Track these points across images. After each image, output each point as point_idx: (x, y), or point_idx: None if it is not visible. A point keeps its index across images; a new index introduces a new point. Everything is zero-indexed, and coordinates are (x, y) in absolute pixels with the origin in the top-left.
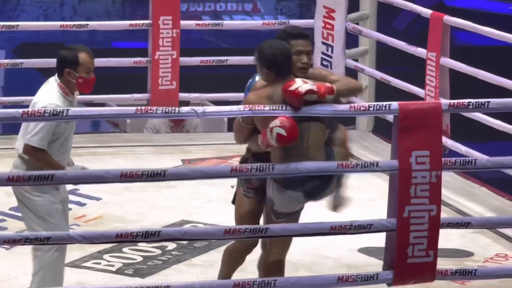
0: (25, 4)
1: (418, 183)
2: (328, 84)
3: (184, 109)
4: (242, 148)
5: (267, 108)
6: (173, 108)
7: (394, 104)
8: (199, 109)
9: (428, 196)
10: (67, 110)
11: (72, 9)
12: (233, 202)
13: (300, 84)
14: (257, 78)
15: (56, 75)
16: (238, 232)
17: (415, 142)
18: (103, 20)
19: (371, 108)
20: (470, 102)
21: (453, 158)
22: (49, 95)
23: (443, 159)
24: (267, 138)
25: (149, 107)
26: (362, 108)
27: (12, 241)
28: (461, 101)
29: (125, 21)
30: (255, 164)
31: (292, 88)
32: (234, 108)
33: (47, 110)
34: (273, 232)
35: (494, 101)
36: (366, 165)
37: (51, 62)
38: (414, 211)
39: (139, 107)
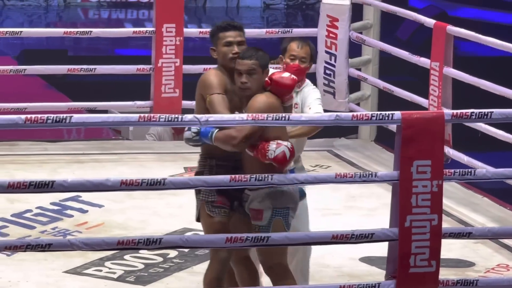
0: (9, 10)
1: (419, 193)
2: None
3: (187, 117)
4: None
5: (270, 117)
6: (176, 116)
7: (397, 114)
8: (202, 117)
9: (429, 206)
10: (70, 117)
11: (56, 15)
12: (198, 219)
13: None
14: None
15: None
16: (239, 240)
17: (417, 152)
18: (88, 27)
19: (374, 117)
20: (473, 112)
21: (453, 169)
22: None
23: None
24: (266, 150)
25: (152, 115)
26: (364, 117)
27: (13, 247)
28: (464, 111)
29: (129, 28)
30: (254, 174)
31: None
32: (236, 116)
33: (50, 117)
34: (275, 241)
35: (497, 111)
36: (365, 175)
37: (55, 68)
38: (415, 220)
39: (142, 115)
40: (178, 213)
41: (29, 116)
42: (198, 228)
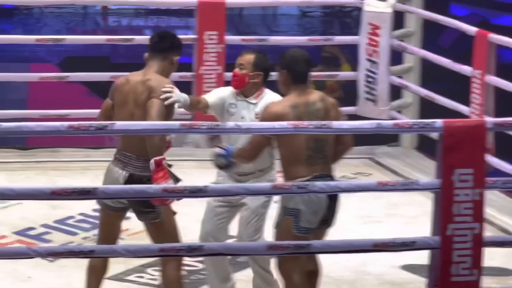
0: (47, 17)
1: (461, 201)
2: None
3: (229, 124)
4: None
5: (311, 126)
6: (218, 123)
7: (439, 122)
8: (243, 124)
9: (471, 214)
10: (113, 124)
11: (94, 22)
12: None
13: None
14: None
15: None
16: (281, 248)
17: (458, 160)
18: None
19: (415, 126)
20: None
21: (495, 178)
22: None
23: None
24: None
25: (193, 122)
26: (406, 126)
27: (56, 254)
28: (506, 119)
29: None
30: (296, 182)
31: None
32: (276, 124)
33: (93, 124)
34: (316, 248)
35: None
36: (407, 183)
37: (97, 75)
38: (457, 229)
39: (183, 122)
40: None
41: (72, 123)
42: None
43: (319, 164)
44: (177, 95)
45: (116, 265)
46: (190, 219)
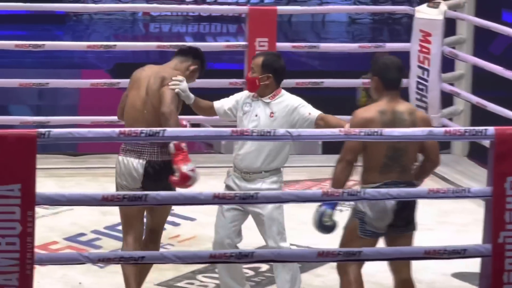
0: (96, 24)
1: None
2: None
3: (280, 131)
4: None
5: (362, 132)
6: (268, 130)
7: (490, 129)
8: (294, 132)
9: None
10: (164, 130)
11: (143, 28)
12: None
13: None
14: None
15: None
16: (331, 255)
17: (510, 167)
18: (174, 40)
19: (467, 133)
20: None
21: None
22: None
23: None
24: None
25: (244, 129)
26: (457, 133)
27: (106, 260)
28: None
29: (221, 42)
30: (346, 189)
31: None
32: (327, 131)
33: (144, 130)
34: (367, 256)
35: None
36: (458, 191)
37: None
38: (509, 237)
39: (234, 129)
40: None
41: (123, 129)
42: (290, 241)
43: (394, 173)
44: (184, 86)
45: (166, 272)
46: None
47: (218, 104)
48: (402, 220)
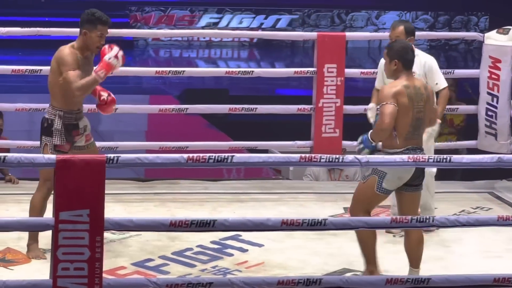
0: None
1: None
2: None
3: (348, 157)
4: None
5: (431, 159)
6: (337, 156)
7: None
8: (363, 158)
9: None
10: (232, 156)
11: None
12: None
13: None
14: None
15: None
16: (399, 282)
17: None
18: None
19: None
20: None
21: None
22: None
23: None
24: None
25: (312, 155)
26: None
27: (174, 286)
28: None
29: (290, 68)
30: (415, 216)
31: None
32: (397, 158)
33: (212, 156)
34: (436, 283)
35: None
36: None
37: (216, 108)
38: None
39: (303, 155)
40: (338, 253)
41: (191, 155)
42: (358, 268)
43: (414, 139)
44: None
45: None
46: (307, 252)
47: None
48: (416, 179)
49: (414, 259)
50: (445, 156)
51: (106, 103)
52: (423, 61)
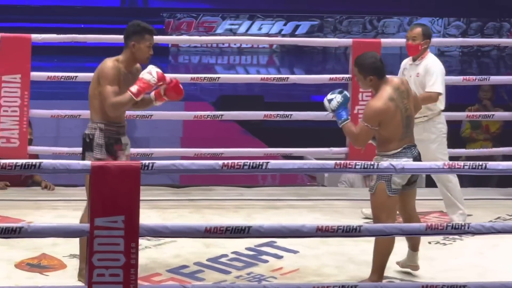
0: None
1: None
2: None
3: (383, 164)
4: (441, 204)
5: (466, 166)
6: (372, 163)
7: None
8: (398, 164)
9: None
10: (267, 163)
11: (232, 60)
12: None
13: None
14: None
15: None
16: None
17: None
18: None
19: None
20: None
21: None
22: None
23: None
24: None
25: (348, 162)
26: None
27: None
28: None
29: (325, 75)
30: (450, 222)
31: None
32: (433, 164)
33: (247, 163)
34: None
35: None
36: None
37: (251, 114)
38: None
39: (338, 162)
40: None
41: (226, 161)
42: (392, 275)
43: (408, 137)
44: None
45: None
46: (342, 259)
47: None
48: (416, 176)
49: (414, 243)
50: (480, 162)
51: (173, 83)
52: (424, 64)
